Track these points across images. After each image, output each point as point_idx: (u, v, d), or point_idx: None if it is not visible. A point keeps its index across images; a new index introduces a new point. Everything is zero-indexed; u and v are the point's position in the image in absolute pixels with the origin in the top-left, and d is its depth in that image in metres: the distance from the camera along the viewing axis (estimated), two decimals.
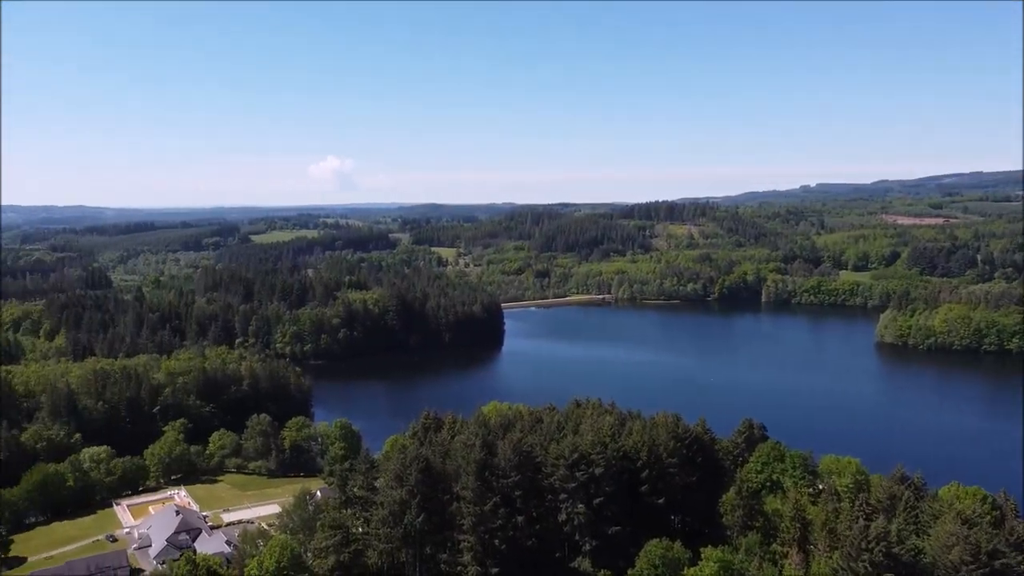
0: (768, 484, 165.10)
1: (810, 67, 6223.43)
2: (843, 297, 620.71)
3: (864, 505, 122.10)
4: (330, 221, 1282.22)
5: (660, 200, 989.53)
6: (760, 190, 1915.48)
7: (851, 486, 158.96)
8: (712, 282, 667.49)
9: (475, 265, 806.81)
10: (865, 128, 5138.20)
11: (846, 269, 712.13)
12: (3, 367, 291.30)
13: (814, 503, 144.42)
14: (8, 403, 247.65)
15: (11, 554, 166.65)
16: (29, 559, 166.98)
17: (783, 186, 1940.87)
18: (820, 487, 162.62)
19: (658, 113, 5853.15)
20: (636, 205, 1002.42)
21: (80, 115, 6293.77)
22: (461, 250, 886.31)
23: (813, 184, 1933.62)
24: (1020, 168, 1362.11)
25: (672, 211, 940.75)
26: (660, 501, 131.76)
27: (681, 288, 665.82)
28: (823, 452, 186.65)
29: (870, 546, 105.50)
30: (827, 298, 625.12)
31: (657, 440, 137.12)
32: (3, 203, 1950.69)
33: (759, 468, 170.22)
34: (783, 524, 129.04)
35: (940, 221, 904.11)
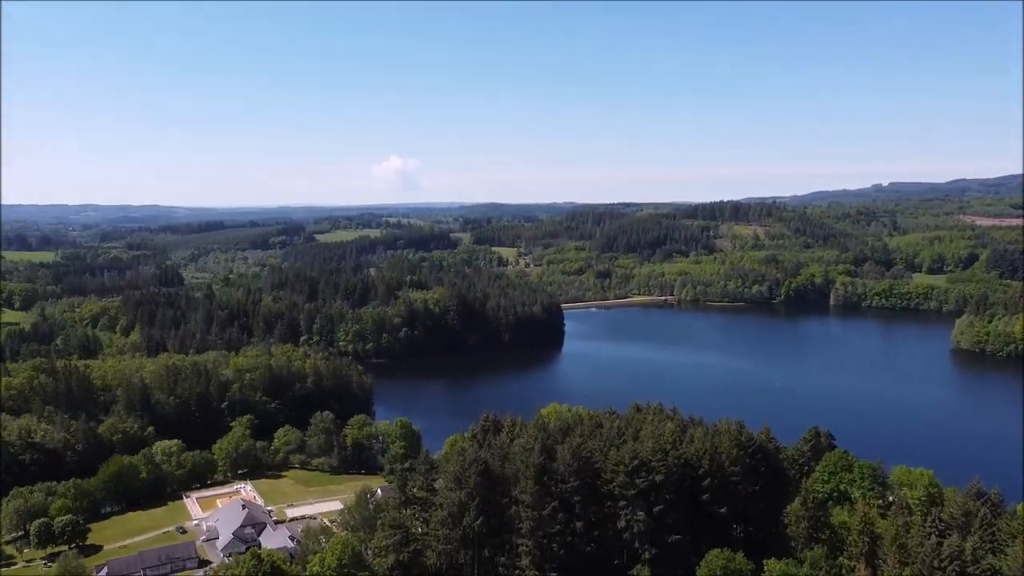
0: (835, 495, 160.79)
1: (882, 64, 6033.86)
2: (916, 301, 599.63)
3: (937, 520, 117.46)
4: (392, 220, 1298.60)
5: (725, 200, 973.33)
6: (829, 189, 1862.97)
7: (923, 499, 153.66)
8: (778, 284, 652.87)
9: (535, 265, 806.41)
10: (941, 124, 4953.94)
11: (920, 272, 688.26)
12: (82, 361, 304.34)
13: (883, 516, 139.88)
14: (86, 396, 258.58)
15: (88, 542, 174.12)
16: (105, 547, 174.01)
17: (853, 185, 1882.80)
18: (890, 499, 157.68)
19: (724, 111, 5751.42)
20: (700, 205, 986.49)
21: (153, 116, 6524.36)
22: (521, 250, 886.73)
23: (885, 183, 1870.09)
24: None
25: (737, 211, 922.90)
26: (722, 510, 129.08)
27: (746, 290, 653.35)
28: (893, 463, 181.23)
29: (943, 564, 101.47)
30: (899, 302, 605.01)
31: (719, 448, 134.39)
32: (81, 202, 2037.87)
33: (825, 478, 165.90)
34: (850, 537, 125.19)
35: (1022, 222, 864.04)
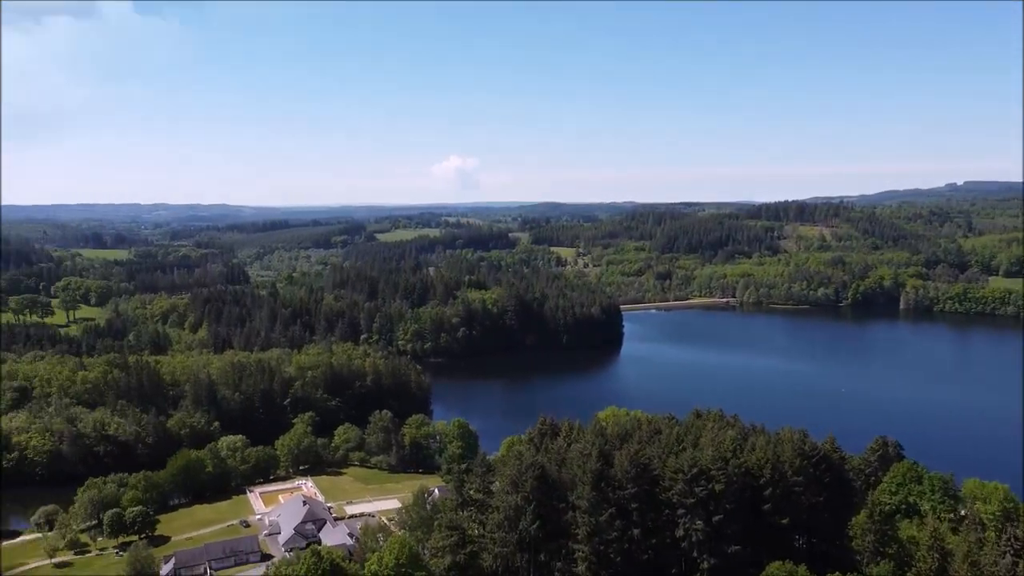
0: (903, 508, 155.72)
1: (956, 57, 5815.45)
2: (992, 306, 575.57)
3: (1013, 539, 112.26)
4: (451, 220, 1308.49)
5: (790, 200, 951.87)
6: (900, 188, 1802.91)
7: (998, 515, 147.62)
8: (845, 287, 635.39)
9: (594, 265, 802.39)
10: (1019, 119, 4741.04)
11: (996, 275, 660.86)
12: (153, 357, 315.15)
13: (955, 532, 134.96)
14: (156, 391, 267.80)
15: (157, 533, 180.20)
16: (172, 538, 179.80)
17: (926, 184, 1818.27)
18: (962, 514, 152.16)
19: (789, 107, 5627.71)
20: (764, 205, 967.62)
21: (222, 118, 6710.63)
22: (580, 250, 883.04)
23: (960, 182, 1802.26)
24: None
25: (802, 211, 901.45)
26: (784, 521, 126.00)
27: (811, 293, 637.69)
28: (966, 475, 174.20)
29: None
30: (974, 306, 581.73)
31: (782, 457, 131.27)
32: (154, 201, 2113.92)
33: (893, 489, 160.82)
34: (919, 553, 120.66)
35: None
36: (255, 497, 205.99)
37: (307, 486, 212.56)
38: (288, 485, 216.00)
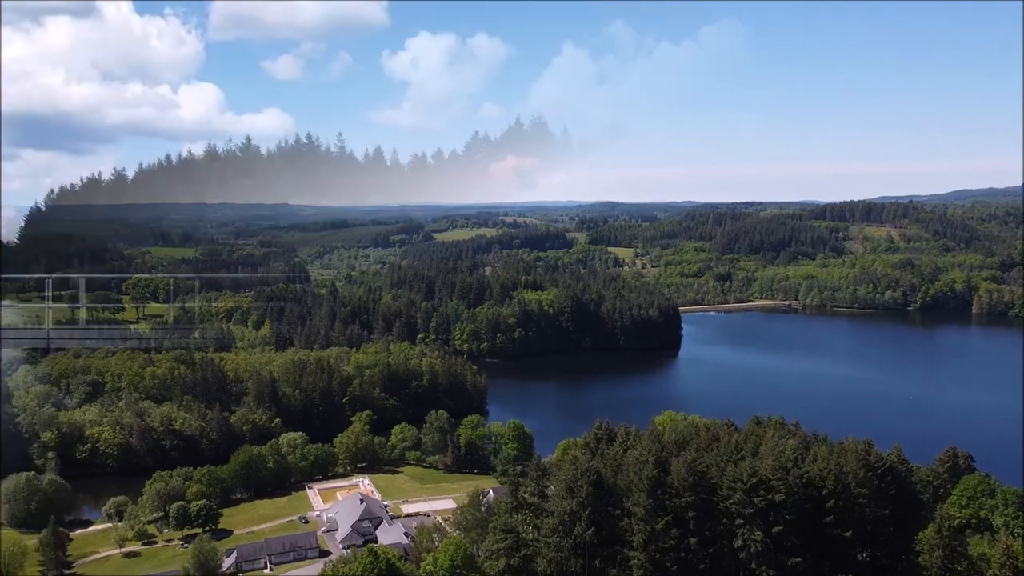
0: (974, 522, 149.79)
1: None
2: None
3: None
4: (508, 219, 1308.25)
5: (856, 199, 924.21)
6: (973, 187, 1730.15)
7: None
8: (914, 290, 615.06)
9: (652, 266, 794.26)
10: None
11: None
12: (217, 354, 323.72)
13: None
14: (220, 387, 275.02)
15: (220, 526, 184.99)
16: (234, 532, 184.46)
17: (1002, 183, 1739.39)
18: None
19: (854, 103, 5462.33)
20: (829, 205, 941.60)
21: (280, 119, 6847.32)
22: (638, 250, 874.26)
23: None
24: None
25: (869, 211, 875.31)
26: (846, 534, 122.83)
27: (877, 296, 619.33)
28: None
29: None
30: None
31: (845, 467, 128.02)
32: (217, 201, 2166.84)
33: (963, 503, 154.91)
34: (991, 571, 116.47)
35: None
36: (314, 494, 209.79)
37: (364, 484, 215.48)
38: (346, 483, 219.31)
